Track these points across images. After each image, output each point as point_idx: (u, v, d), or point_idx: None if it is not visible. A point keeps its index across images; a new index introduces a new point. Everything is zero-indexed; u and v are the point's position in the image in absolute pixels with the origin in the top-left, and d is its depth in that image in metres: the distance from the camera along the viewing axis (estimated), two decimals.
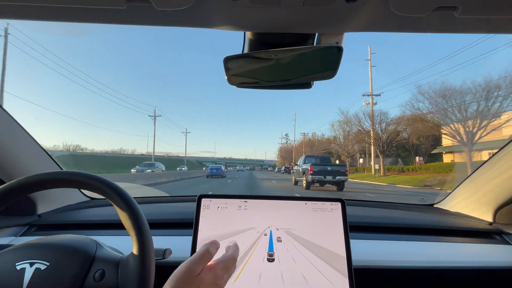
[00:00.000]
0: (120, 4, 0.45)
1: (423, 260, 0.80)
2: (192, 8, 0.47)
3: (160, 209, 1.13)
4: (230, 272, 0.47)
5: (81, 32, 19.66)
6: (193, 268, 0.42)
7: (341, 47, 0.57)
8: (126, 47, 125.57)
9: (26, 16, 0.52)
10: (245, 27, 0.58)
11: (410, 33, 0.73)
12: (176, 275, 0.41)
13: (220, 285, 0.44)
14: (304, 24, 0.55)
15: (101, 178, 0.51)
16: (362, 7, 0.48)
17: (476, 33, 0.57)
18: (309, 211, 0.69)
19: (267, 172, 49.82)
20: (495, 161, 0.95)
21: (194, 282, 0.41)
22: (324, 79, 0.65)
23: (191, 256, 0.44)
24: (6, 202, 0.49)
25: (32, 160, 0.96)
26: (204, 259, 0.44)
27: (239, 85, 0.67)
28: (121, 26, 5.57)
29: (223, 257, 0.47)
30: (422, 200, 8.23)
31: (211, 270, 0.43)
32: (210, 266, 0.44)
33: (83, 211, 1.07)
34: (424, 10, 0.46)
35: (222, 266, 0.45)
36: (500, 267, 0.81)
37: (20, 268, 0.48)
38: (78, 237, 0.57)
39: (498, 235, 0.95)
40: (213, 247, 0.46)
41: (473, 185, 1.05)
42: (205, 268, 0.43)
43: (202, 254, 0.44)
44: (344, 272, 0.63)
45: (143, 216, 0.51)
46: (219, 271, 0.44)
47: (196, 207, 0.69)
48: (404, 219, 1.04)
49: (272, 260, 0.64)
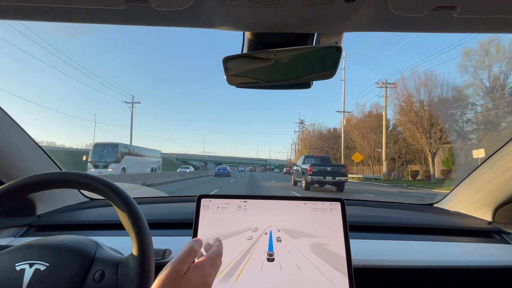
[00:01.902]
0: (119, 4, 0.45)
1: (422, 259, 0.80)
2: (191, 8, 0.47)
3: (159, 210, 1.13)
4: (217, 268, 0.47)
5: (76, 33, 19.05)
6: (179, 267, 0.41)
7: (340, 47, 0.57)
8: (125, 48, 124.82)
9: (26, 16, 0.52)
10: (244, 27, 0.58)
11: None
12: (162, 275, 0.40)
13: (208, 282, 0.44)
14: (303, 24, 0.55)
15: (101, 178, 0.51)
16: (361, 7, 0.48)
17: (474, 32, 0.57)
18: (308, 211, 0.69)
19: (273, 175, 34.75)
20: (495, 161, 0.95)
21: (181, 282, 0.40)
22: (323, 79, 0.65)
23: (176, 256, 0.44)
24: (6, 203, 0.49)
25: (31, 160, 0.95)
26: (189, 257, 0.43)
27: (238, 85, 0.68)
28: (118, 27, 5.54)
29: (209, 254, 0.46)
30: (422, 199, 8.24)
31: (198, 268, 0.43)
32: (197, 264, 0.44)
33: (83, 211, 1.07)
34: (423, 10, 0.46)
35: (209, 263, 0.45)
36: (499, 266, 0.81)
37: (20, 268, 0.48)
38: (78, 237, 0.57)
39: (498, 234, 0.95)
40: (197, 244, 0.45)
41: (473, 184, 1.05)
42: (191, 266, 0.43)
43: (187, 253, 0.43)
44: (344, 272, 0.63)
45: (143, 216, 0.51)
46: (206, 269, 0.44)
47: (196, 207, 0.69)
48: (403, 218, 1.04)
49: (272, 260, 0.64)
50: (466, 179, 1.07)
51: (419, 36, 35.96)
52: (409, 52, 54.78)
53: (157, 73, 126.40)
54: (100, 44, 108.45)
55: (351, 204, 1.18)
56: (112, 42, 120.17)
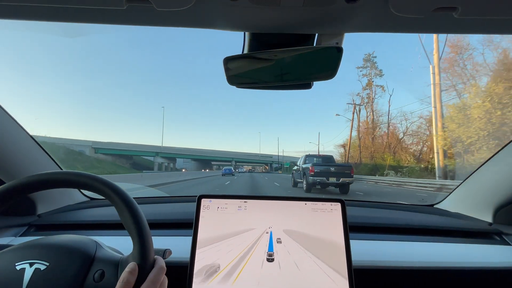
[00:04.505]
0: (120, 4, 0.45)
1: (423, 260, 0.80)
2: (192, 9, 0.47)
3: (160, 209, 1.13)
4: (163, 284, 0.49)
5: (74, 33, 18.58)
6: None
7: (341, 48, 0.57)
8: (124, 47, 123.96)
9: (26, 16, 0.52)
10: (245, 27, 0.58)
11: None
12: None
13: None
14: (304, 25, 0.55)
15: (101, 178, 0.51)
16: (362, 7, 0.48)
17: (475, 33, 0.57)
18: (309, 212, 0.69)
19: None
20: (495, 162, 0.95)
21: None
22: (324, 79, 0.65)
23: None
24: (6, 202, 0.49)
25: (32, 160, 0.96)
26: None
27: (238, 85, 0.68)
28: (118, 27, 5.54)
29: (150, 275, 0.47)
30: (422, 200, 8.23)
31: None
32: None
33: (83, 211, 1.07)
34: (424, 10, 0.46)
35: (150, 285, 0.46)
36: (499, 267, 0.81)
37: (20, 268, 0.48)
38: (78, 237, 0.57)
39: (498, 235, 0.95)
40: (131, 275, 0.46)
41: (473, 185, 1.05)
42: None
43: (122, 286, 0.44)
44: (344, 272, 0.63)
45: (143, 216, 0.51)
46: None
47: (196, 207, 0.69)
48: (404, 219, 1.04)
49: (272, 261, 0.64)
50: (466, 180, 1.07)
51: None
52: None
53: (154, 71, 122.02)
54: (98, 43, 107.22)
55: (351, 205, 1.18)
56: (111, 41, 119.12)
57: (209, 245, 0.66)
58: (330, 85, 70.80)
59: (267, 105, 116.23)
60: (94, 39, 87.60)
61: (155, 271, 0.48)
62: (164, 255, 0.63)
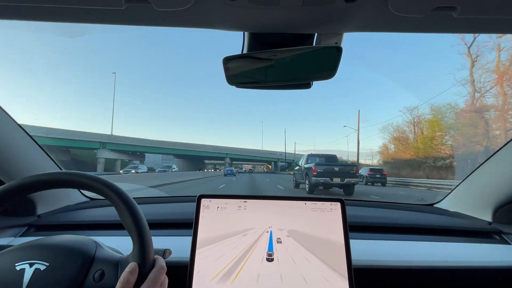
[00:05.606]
0: (119, 4, 0.45)
1: (422, 260, 0.80)
2: (191, 9, 0.47)
3: (159, 209, 1.13)
4: (164, 283, 0.49)
5: (74, 33, 17.71)
6: None
7: (340, 47, 0.58)
8: (123, 47, 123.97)
9: (26, 16, 0.52)
10: (244, 27, 0.58)
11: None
12: None
13: None
14: (303, 25, 0.55)
15: (101, 179, 0.51)
16: (361, 7, 0.48)
17: (475, 33, 0.57)
18: (308, 211, 0.69)
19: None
20: (495, 161, 0.95)
21: None
22: (323, 79, 0.65)
23: None
24: (6, 202, 0.49)
25: (32, 160, 0.95)
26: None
27: (238, 85, 0.68)
28: (117, 27, 5.52)
29: (151, 274, 0.47)
30: (422, 200, 8.23)
31: None
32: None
33: (83, 211, 1.07)
34: (423, 10, 0.46)
35: (150, 285, 0.46)
36: (499, 266, 0.81)
37: (20, 268, 0.48)
38: (78, 237, 0.57)
39: (497, 234, 0.95)
40: (131, 274, 0.46)
41: (473, 185, 1.05)
42: None
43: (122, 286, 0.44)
44: (343, 272, 0.63)
45: (143, 216, 0.51)
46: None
47: (196, 207, 0.69)
48: (403, 219, 1.04)
49: (272, 260, 0.64)
50: (466, 179, 1.07)
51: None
52: None
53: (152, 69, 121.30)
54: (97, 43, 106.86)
55: (351, 204, 1.18)
56: (112, 40, 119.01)
57: (209, 245, 0.66)
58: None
59: (271, 93, 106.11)
60: (93, 39, 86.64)
61: (155, 270, 0.48)
62: (164, 255, 0.63)
